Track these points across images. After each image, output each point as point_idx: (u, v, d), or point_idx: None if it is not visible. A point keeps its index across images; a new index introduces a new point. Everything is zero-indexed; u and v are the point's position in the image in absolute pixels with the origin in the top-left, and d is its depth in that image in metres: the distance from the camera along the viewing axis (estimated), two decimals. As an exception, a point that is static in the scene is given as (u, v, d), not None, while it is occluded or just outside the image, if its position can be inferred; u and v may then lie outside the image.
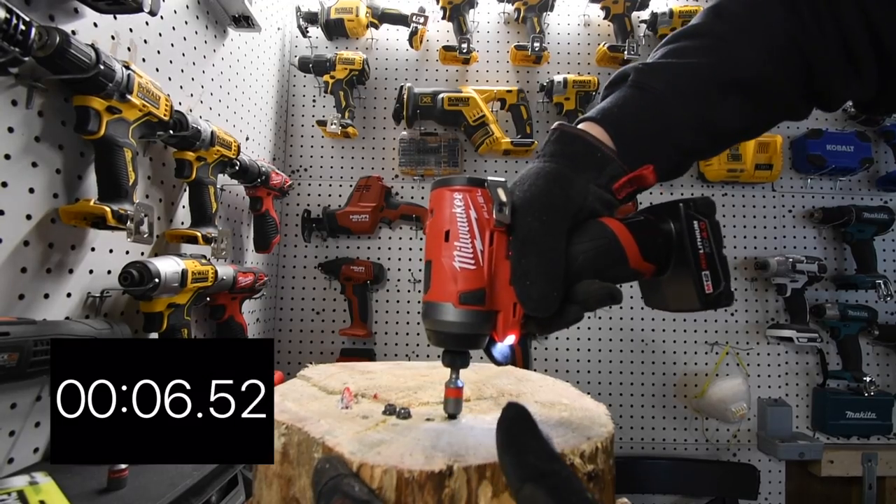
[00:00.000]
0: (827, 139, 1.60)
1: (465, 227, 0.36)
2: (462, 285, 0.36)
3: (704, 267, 0.39)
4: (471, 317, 0.36)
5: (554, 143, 0.42)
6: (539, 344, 1.62)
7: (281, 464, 0.34)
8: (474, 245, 0.36)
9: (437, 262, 0.36)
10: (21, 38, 0.54)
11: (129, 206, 0.71)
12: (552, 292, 0.36)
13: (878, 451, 1.53)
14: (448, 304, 0.36)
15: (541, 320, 0.38)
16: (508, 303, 0.37)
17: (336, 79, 1.54)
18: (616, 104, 0.44)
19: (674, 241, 0.40)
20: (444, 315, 0.36)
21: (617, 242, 0.38)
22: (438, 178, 0.39)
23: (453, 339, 0.37)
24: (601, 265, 0.38)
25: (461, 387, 0.38)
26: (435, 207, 0.38)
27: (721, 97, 0.43)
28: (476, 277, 0.36)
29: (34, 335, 0.56)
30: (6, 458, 0.61)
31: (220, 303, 1.06)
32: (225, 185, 1.18)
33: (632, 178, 0.40)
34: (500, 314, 0.37)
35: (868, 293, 1.61)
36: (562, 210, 0.38)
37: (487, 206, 0.37)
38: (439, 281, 0.36)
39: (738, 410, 1.49)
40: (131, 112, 0.72)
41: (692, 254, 0.39)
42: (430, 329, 0.37)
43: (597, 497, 0.31)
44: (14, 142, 0.62)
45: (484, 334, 0.37)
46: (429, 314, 0.37)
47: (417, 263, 1.64)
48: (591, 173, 0.40)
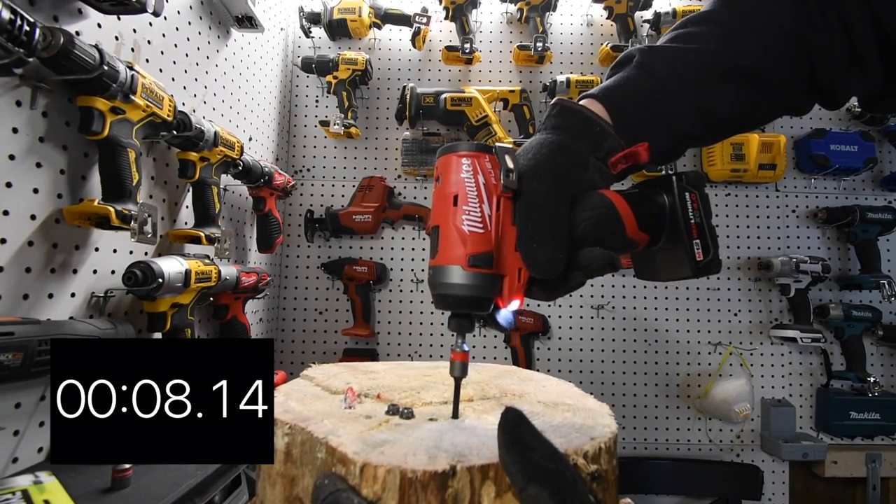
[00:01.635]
0: (831, 139, 1.59)
1: (473, 192, 0.37)
2: (471, 248, 0.36)
3: (696, 236, 0.41)
4: (479, 279, 0.36)
5: (555, 116, 0.43)
6: (542, 344, 1.62)
7: (284, 463, 0.34)
8: (482, 209, 0.37)
9: (446, 226, 0.37)
10: (25, 38, 0.54)
11: (132, 207, 0.71)
12: (558, 254, 0.37)
13: (882, 452, 1.52)
14: (457, 266, 0.36)
15: (545, 284, 0.39)
16: (513, 268, 0.38)
17: (339, 79, 1.54)
18: (618, 84, 0.45)
19: (667, 212, 0.42)
20: (453, 278, 0.36)
21: (615, 212, 0.39)
22: (444, 146, 0.39)
23: (461, 301, 0.37)
24: (601, 233, 0.39)
25: (467, 350, 0.38)
26: (442, 173, 0.39)
27: (721, 84, 0.44)
28: (484, 241, 0.37)
29: (38, 335, 0.56)
30: (11, 458, 0.61)
31: (223, 303, 1.06)
32: (228, 186, 1.18)
33: (627, 154, 0.41)
34: (506, 279, 0.38)
35: (872, 293, 1.61)
36: (566, 176, 0.39)
37: (494, 172, 0.38)
38: (447, 244, 0.37)
39: (741, 411, 1.48)
40: (135, 112, 0.73)
41: (684, 223, 0.41)
42: (438, 293, 0.38)
43: (600, 497, 0.31)
44: (18, 142, 0.62)
45: (490, 298, 0.38)
46: (436, 278, 0.37)
47: (420, 263, 1.64)
48: (590, 146, 0.41)
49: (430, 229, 0.39)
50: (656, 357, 1.61)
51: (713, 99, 0.44)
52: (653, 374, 1.61)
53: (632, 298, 1.63)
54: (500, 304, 0.38)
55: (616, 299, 1.63)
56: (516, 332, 1.55)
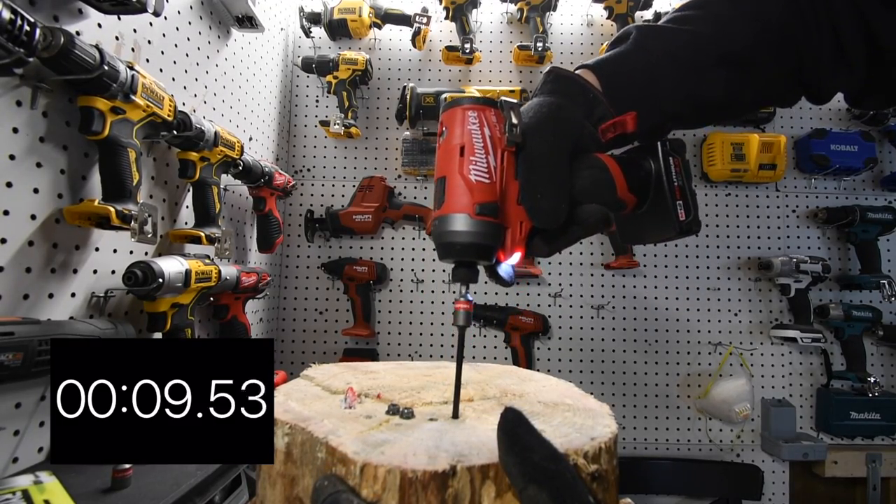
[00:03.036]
0: (831, 139, 1.59)
1: (479, 143, 0.38)
2: (478, 197, 0.37)
3: (679, 197, 0.44)
4: (485, 227, 0.38)
5: (551, 82, 0.45)
6: (542, 344, 1.62)
7: (284, 463, 0.34)
8: (488, 160, 0.38)
9: (452, 176, 0.38)
10: (25, 38, 0.54)
11: (133, 207, 0.71)
12: (560, 204, 0.39)
13: (882, 452, 1.52)
14: (464, 214, 0.37)
15: (546, 236, 0.41)
16: (516, 221, 0.39)
17: (339, 79, 1.54)
18: (613, 58, 0.47)
19: (653, 176, 0.45)
20: (459, 226, 0.37)
21: (608, 173, 0.42)
22: (449, 101, 0.40)
23: (467, 248, 0.38)
24: (597, 190, 0.41)
25: (471, 300, 0.39)
26: (447, 126, 0.40)
27: (711, 68, 0.46)
28: (490, 191, 0.38)
29: (39, 335, 0.56)
30: (11, 458, 0.61)
31: (223, 303, 1.06)
32: (228, 186, 1.18)
33: (616, 122, 0.43)
34: (508, 231, 0.39)
35: (872, 293, 1.61)
36: (567, 133, 0.41)
37: (499, 126, 0.39)
38: (454, 194, 0.38)
39: (741, 411, 1.48)
40: (135, 112, 0.73)
41: (668, 186, 0.44)
42: (443, 242, 0.39)
43: (600, 498, 0.31)
44: (19, 142, 0.62)
45: (495, 247, 0.39)
46: (442, 227, 0.38)
47: (420, 263, 1.64)
48: (583, 111, 0.44)
49: (436, 180, 0.40)
50: (656, 357, 1.61)
51: (702, 81, 0.46)
52: (653, 374, 1.61)
53: (632, 299, 1.63)
54: (501, 257, 0.40)
55: (616, 299, 1.63)
56: (516, 333, 1.55)
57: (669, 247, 1.64)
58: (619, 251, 1.58)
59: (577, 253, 1.65)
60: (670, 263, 1.64)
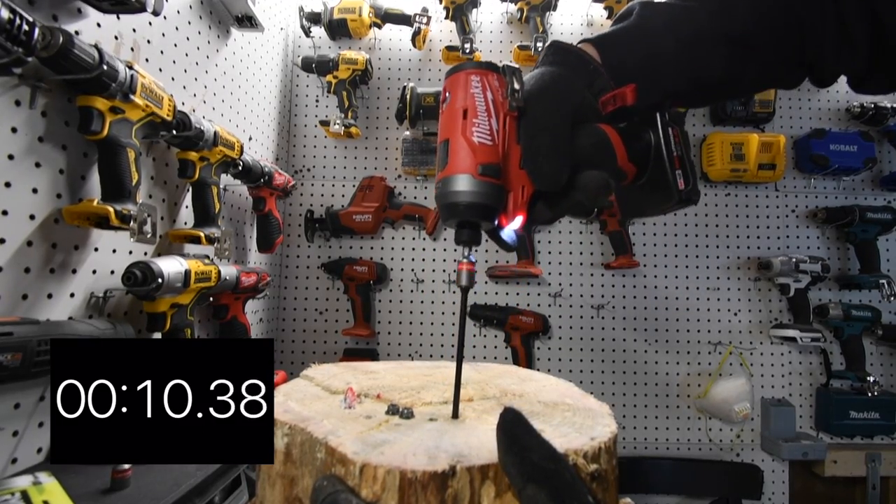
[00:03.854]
0: (830, 139, 1.59)
1: (482, 106, 0.39)
2: (481, 158, 0.38)
3: (678, 166, 0.45)
4: (487, 187, 0.38)
5: (552, 54, 0.46)
6: (542, 344, 1.62)
7: (284, 464, 0.34)
8: (491, 123, 0.39)
9: (456, 138, 0.39)
10: (24, 38, 0.54)
11: (132, 207, 0.71)
12: (562, 167, 0.40)
13: (881, 452, 1.52)
14: (467, 175, 0.38)
15: (548, 200, 0.42)
16: (518, 185, 0.40)
17: (339, 79, 1.54)
18: (614, 32, 0.47)
19: (652, 147, 0.46)
20: (463, 186, 0.38)
21: (609, 142, 0.43)
22: (452, 66, 0.41)
23: (470, 208, 0.39)
24: (596, 158, 0.42)
25: (474, 261, 0.40)
26: (451, 91, 0.41)
27: (712, 45, 0.46)
28: (493, 152, 0.39)
29: (38, 335, 0.56)
30: (10, 458, 0.61)
31: (223, 303, 1.06)
32: (228, 186, 1.18)
33: (616, 95, 0.43)
34: (510, 194, 0.40)
35: (872, 293, 1.61)
36: (568, 99, 0.42)
37: (501, 90, 0.40)
38: (458, 155, 0.39)
39: (741, 410, 1.48)
40: (134, 112, 0.73)
41: (667, 155, 0.45)
42: (447, 203, 0.39)
43: (600, 497, 0.31)
44: (17, 142, 0.62)
45: (497, 208, 0.40)
46: (445, 188, 0.39)
47: (420, 263, 1.64)
48: (584, 82, 0.44)
49: (439, 144, 0.41)
50: (656, 357, 1.61)
51: (703, 58, 0.46)
52: (653, 374, 1.61)
53: (632, 298, 1.63)
54: (503, 222, 0.41)
55: (616, 299, 1.63)
56: (516, 332, 1.55)
57: (669, 246, 1.65)
58: (618, 251, 1.58)
59: (577, 253, 1.65)
60: (670, 263, 1.64)
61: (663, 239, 1.65)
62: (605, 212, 1.56)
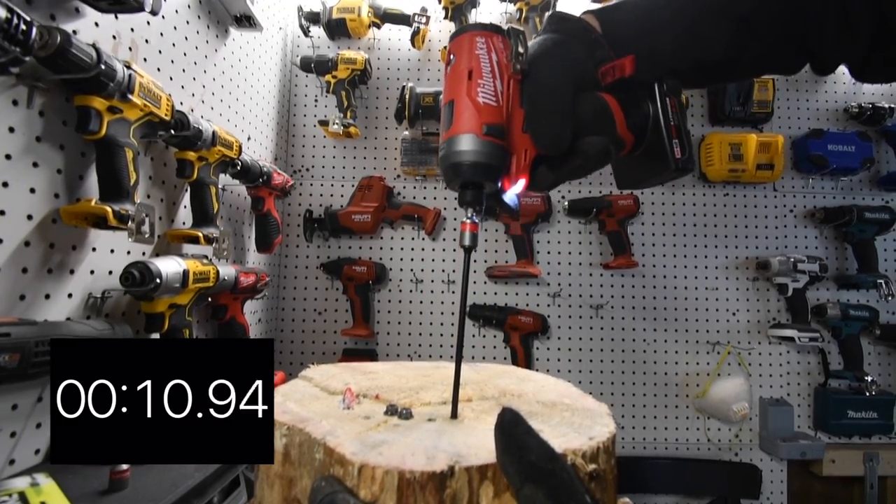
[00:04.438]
0: (828, 139, 1.60)
1: (487, 67, 0.40)
2: (486, 118, 0.39)
3: (675, 136, 0.45)
4: (491, 147, 0.39)
5: (555, 23, 0.47)
6: (541, 344, 1.62)
7: (283, 464, 0.34)
8: (495, 84, 0.40)
9: (461, 99, 0.39)
10: (22, 37, 0.54)
11: (130, 207, 0.71)
12: (564, 130, 0.41)
13: (879, 451, 1.52)
14: (471, 134, 0.39)
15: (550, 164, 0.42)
16: (521, 148, 0.41)
17: (338, 78, 1.54)
18: (617, 5, 0.48)
19: (650, 117, 0.46)
20: (467, 145, 0.39)
21: (609, 110, 0.43)
22: (458, 28, 0.43)
23: (474, 167, 0.39)
24: (596, 124, 0.43)
25: (477, 222, 0.40)
26: (456, 52, 0.41)
27: (714, 22, 0.46)
28: (497, 113, 0.39)
29: (35, 336, 0.56)
30: (7, 460, 0.61)
31: (221, 303, 1.05)
32: (226, 185, 1.18)
33: (615, 66, 0.44)
34: (513, 157, 0.40)
35: (869, 293, 1.61)
36: (571, 64, 0.43)
37: (506, 52, 0.41)
38: (462, 115, 0.39)
39: (739, 410, 1.48)
40: (132, 112, 0.72)
41: (665, 125, 0.45)
42: (451, 162, 0.40)
43: (598, 497, 0.31)
44: (15, 142, 0.62)
45: (501, 168, 0.40)
46: (450, 148, 0.39)
47: (420, 263, 1.64)
48: (586, 50, 0.45)
49: (444, 105, 0.41)
50: (655, 357, 1.62)
51: (704, 36, 0.46)
52: (651, 374, 1.61)
53: (630, 298, 1.63)
54: (506, 185, 0.41)
55: (615, 299, 1.63)
56: (515, 332, 1.55)
57: (668, 246, 1.65)
58: (617, 251, 1.58)
59: (576, 253, 1.65)
60: (668, 263, 1.64)
61: (662, 239, 1.65)
62: (604, 212, 1.57)
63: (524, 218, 1.58)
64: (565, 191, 1.65)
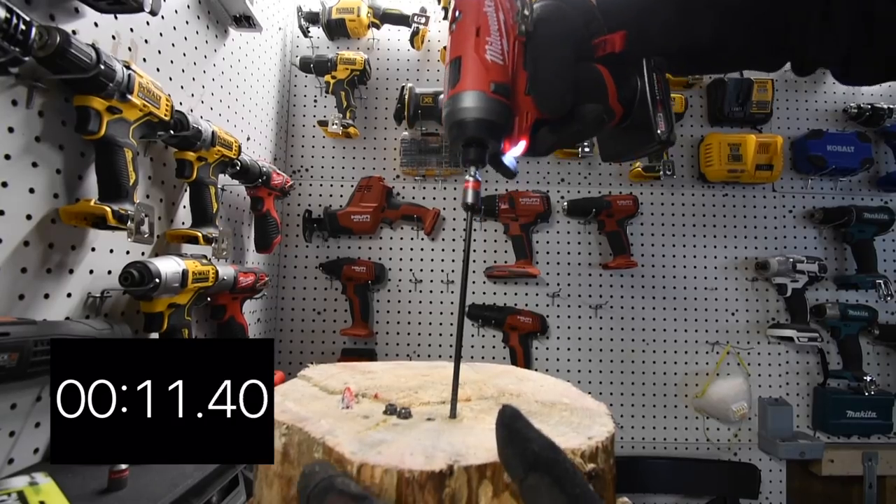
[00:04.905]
0: (827, 140, 1.60)
1: (495, 25, 0.40)
2: (494, 76, 0.39)
3: (660, 110, 0.47)
4: (499, 105, 0.39)
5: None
6: (540, 344, 1.62)
7: (281, 464, 0.34)
8: (502, 44, 0.40)
9: (468, 55, 0.40)
10: (21, 37, 0.54)
11: (129, 206, 0.71)
12: (566, 94, 0.42)
13: (878, 451, 1.53)
14: (479, 91, 0.39)
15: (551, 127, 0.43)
16: (523, 110, 0.41)
17: (337, 79, 1.54)
18: None
19: (638, 91, 0.48)
20: (474, 102, 0.39)
21: (604, 80, 0.45)
22: None
23: (480, 124, 0.39)
24: (592, 96, 0.44)
25: (479, 180, 0.41)
26: (462, 10, 0.42)
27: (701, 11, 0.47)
28: (504, 72, 0.40)
29: (34, 335, 0.56)
30: (6, 459, 0.61)
31: (220, 303, 1.05)
32: (226, 186, 1.18)
33: (606, 39, 0.46)
34: (515, 119, 0.41)
35: (868, 293, 1.62)
36: (571, 31, 0.44)
37: (512, 12, 0.41)
38: (470, 72, 0.39)
39: (738, 410, 1.48)
40: (132, 112, 0.72)
41: (651, 99, 0.47)
42: (457, 119, 0.40)
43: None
44: (14, 142, 0.62)
45: (505, 127, 0.41)
46: (456, 104, 0.40)
47: (419, 263, 1.64)
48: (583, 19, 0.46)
49: (449, 62, 0.41)
50: (654, 357, 1.62)
51: (692, 20, 0.47)
52: (650, 374, 1.61)
53: (629, 298, 1.63)
54: (506, 146, 0.42)
55: (614, 299, 1.63)
56: (515, 332, 1.55)
57: (667, 246, 1.65)
58: (617, 251, 1.58)
59: (576, 253, 1.65)
60: (668, 263, 1.65)
61: (661, 239, 1.65)
62: (604, 212, 1.57)
63: (523, 218, 1.58)
64: (564, 191, 1.66)
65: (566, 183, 1.67)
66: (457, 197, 1.65)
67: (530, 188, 1.62)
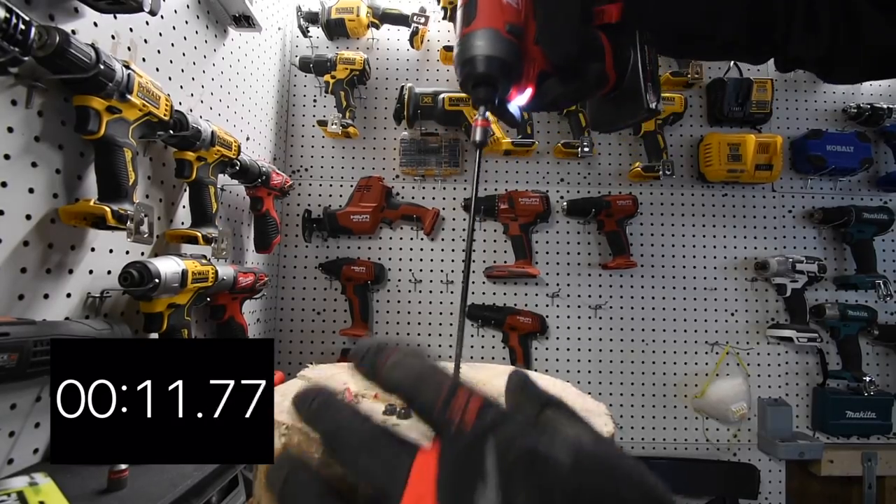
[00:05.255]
0: (827, 140, 1.60)
1: None
2: (509, 17, 0.40)
3: (649, 80, 0.48)
4: (513, 46, 0.40)
5: None
6: (540, 344, 1.62)
7: (281, 464, 0.34)
8: None
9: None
10: (21, 37, 0.54)
11: (129, 206, 0.71)
12: (574, 45, 0.43)
13: (877, 451, 1.53)
14: (495, 30, 0.40)
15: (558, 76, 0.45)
16: (530, 59, 0.42)
17: (337, 79, 1.54)
18: None
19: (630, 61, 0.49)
20: (489, 40, 0.40)
21: (603, 45, 0.46)
22: None
23: (493, 61, 0.40)
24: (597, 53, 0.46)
25: (489, 119, 0.41)
26: None
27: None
28: (518, 16, 0.40)
29: (34, 335, 0.56)
30: (6, 459, 0.61)
31: (220, 303, 1.05)
32: (225, 185, 1.18)
33: (605, 9, 0.47)
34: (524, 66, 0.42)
35: (868, 293, 1.62)
36: None
37: None
38: (487, 9, 0.40)
39: (738, 410, 1.49)
40: (131, 112, 0.72)
41: (642, 69, 0.48)
42: (470, 56, 0.40)
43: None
44: (14, 142, 0.62)
45: (516, 68, 0.41)
46: (470, 42, 0.40)
47: (418, 263, 1.64)
48: None
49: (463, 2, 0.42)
50: (653, 357, 1.62)
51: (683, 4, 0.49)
52: (650, 374, 1.61)
53: (629, 298, 1.63)
54: (512, 94, 0.43)
55: (613, 299, 1.63)
56: (514, 333, 1.55)
57: (666, 246, 1.65)
58: (616, 251, 1.58)
59: (575, 253, 1.65)
60: (667, 263, 1.65)
61: (661, 239, 1.65)
62: (603, 212, 1.57)
63: (522, 218, 1.58)
64: (564, 191, 1.66)
65: (565, 183, 1.67)
66: (456, 197, 1.65)
67: (530, 188, 1.62)
